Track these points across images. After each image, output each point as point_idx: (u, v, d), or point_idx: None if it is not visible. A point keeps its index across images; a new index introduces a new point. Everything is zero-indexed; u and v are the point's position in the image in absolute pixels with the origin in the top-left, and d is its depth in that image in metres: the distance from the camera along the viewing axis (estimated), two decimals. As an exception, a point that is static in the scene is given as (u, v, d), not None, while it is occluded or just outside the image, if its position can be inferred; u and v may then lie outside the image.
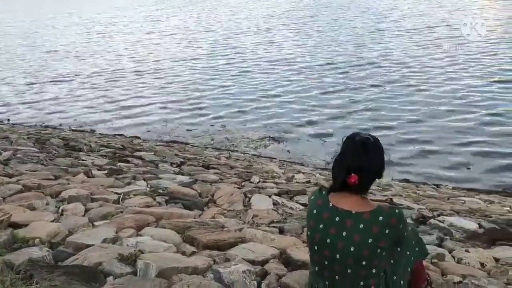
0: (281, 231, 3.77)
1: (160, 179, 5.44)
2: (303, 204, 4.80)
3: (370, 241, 1.89)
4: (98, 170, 5.72)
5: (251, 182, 5.89)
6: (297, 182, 6.53)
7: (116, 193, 4.49)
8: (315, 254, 2.04)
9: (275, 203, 4.80)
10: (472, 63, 14.76)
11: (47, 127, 11.91)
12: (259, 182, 5.93)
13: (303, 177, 7.00)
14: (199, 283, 2.55)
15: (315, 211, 2.02)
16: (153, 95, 14.46)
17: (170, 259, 2.85)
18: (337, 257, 1.94)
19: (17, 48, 26.02)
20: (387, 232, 1.89)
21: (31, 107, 14.12)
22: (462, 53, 16.27)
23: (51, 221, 3.50)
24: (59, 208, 3.90)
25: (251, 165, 7.83)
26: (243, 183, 5.75)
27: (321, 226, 1.98)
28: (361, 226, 1.90)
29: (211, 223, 3.76)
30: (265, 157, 9.25)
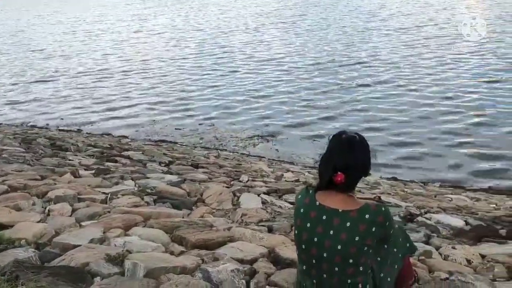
0: (270, 230, 3.77)
1: (148, 178, 5.42)
2: (292, 202, 4.80)
3: (357, 239, 1.89)
4: (85, 170, 5.67)
5: (240, 181, 5.89)
6: (286, 180, 6.53)
7: (103, 193, 4.46)
8: (302, 252, 2.04)
9: (264, 202, 4.79)
10: (460, 63, 14.88)
11: (33, 126, 11.76)
12: (248, 181, 5.92)
13: (292, 176, 7.01)
14: (188, 283, 2.54)
15: (302, 210, 2.02)
16: (141, 95, 14.35)
17: (158, 259, 2.84)
18: (324, 255, 1.94)
19: (2, 46, 25.67)
20: (373, 230, 1.90)
21: (16, 107, 13.92)
22: (450, 53, 16.43)
23: (38, 222, 3.48)
24: (45, 208, 3.87)
25: (240, 164, 7.83)
26: (232, 182, 5.74)
27: (308, 224, 1.98)
28: (348, 224, 1.90)
29: (200, 222, 3.75)
30: (254, 156, 9.24)
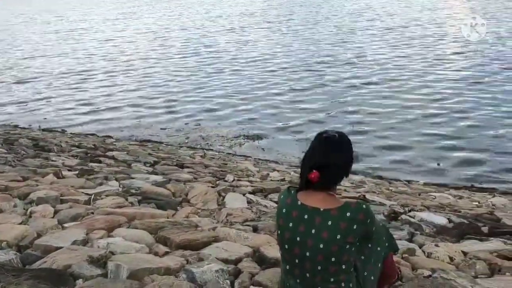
0: (255, 230, 3.77)
1: (133, 179, 5.36)
2: (277, 202, 4.80)
3: (338, 237, 1.90)
4: (68, 170, 5.59)
5: (225, 180, 5.87)
6: (271, 180, 6.54)
7: (87, 194, 4.40)
8: (285, 252, 2.04)
9: (250, 202, 4.79)
10: (445, 62, 15.15)
11: (16, 127, 11.57)
12: (233, 180, 5.90)
13: (278, 175, 7.02)
14: (172, 284, 2.52)
15: (284, 210, 2.02)
16: (125, 94, 14.25)
17: (142, 260, 2.81)
18: (307, 254, 1.95)
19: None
20: (355, 227, 1.91)
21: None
22: (433, 52, 16.67)
23: (19, 224, 3.41)
24: (27, 210, 3.80)
25: (226, 164, 7.81)
26: (218, 182, 5.72)
27: (291, 224, 1.98)
28: (329, 223, 1.91)
29: (185, 222, 3.73)
30: (240, 156, 9.24)
